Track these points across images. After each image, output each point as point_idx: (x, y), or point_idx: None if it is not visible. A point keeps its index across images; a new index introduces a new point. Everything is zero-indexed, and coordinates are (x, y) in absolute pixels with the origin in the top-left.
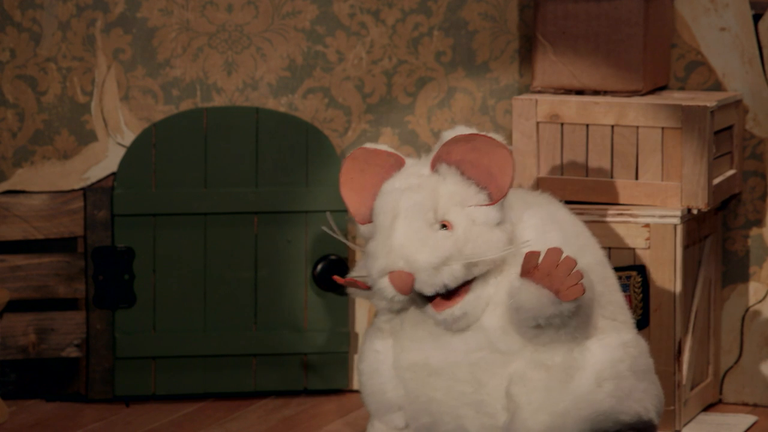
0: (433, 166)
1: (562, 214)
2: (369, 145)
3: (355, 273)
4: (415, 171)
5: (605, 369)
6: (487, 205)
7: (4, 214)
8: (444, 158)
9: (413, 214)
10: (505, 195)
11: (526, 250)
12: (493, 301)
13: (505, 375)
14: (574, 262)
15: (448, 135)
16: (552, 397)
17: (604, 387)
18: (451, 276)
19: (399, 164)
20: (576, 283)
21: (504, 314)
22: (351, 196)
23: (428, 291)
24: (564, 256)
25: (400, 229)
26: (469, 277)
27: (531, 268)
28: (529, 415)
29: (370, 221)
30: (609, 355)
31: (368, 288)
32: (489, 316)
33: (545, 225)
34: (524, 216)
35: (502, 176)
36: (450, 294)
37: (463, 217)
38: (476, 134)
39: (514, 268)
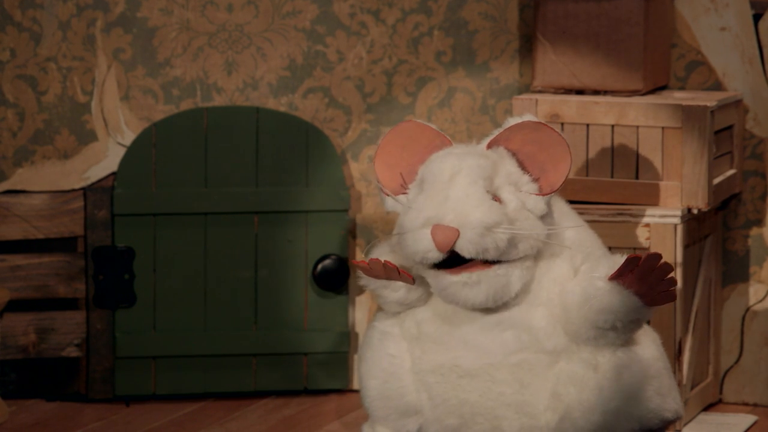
0: (489, 148)
1: (582, 222)
2: (420, 120)
3: (377, 255)
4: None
5: (650, 367)
6: (537, 194)
7: (5, 214)
8: (503, 143)
9: (475, 174)
10: (555, 191)
11: (568, 243)
12: (534, 300)
13: (550, 375)
14: (671, 268)
15: (513, 121)
16: (604, 396)
17: (651, 385)
18: (494, 243)
19: (445, 146)
20: (667, 290)
21: (550, 314)
22: (383, 170)
23: (468, 251)
24: (662, 261)
25: (459, 184)
26: (505, 257)
27: (627, 271)
28: (581, 414)
29: (397, 192)
30: (650, 352)
31: (395, 268)
32: (534, 317)
33: (583, 239)
34: (563, 224)
35: (556, 173)
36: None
37: (515, 197)
38: (541, 124)
39: (552, 269)
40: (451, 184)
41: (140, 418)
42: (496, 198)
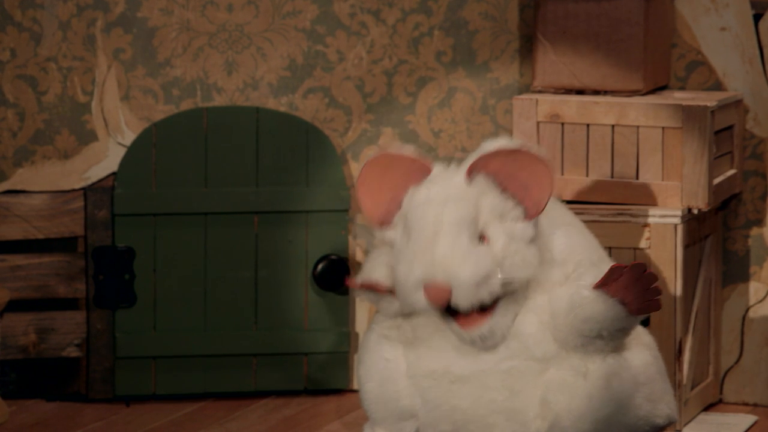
0: (469, 175)
1: (577, 222)
2: (393, 151)
3: (366, 274)
4: (449, 180)
5: (641, 373)
6: (523, 220)
7: (5, 214)
8: (481, 168)
9: (458, 228)
10: (541, 211)
11: (558, 251)
12: (525, 308)
13: (540, 382)
14: (656, 278)
15: (489, 146)
16: (594, 404)
17: (642, 391)
18: (488, 293)
19: (423, 170)
20: (653, 299)
21: (539, 321)
22: (366, 200)
23: (464, 306)
24: (647, 270)
25: (444, 242)
26: (503, 294)
27: (612, 280)
28: (571, 423)
29: (385, 225)
30: (641, 358)
31: (389, 292)
32: (523, 324)
33: (574, 245)
34: (553, 236)
35: (539, 192)
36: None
37: (502, 232)
38: (518, 148)
39: (543, 275)
40: (435, 241)
41: (140, 418)
42: (483, 236)
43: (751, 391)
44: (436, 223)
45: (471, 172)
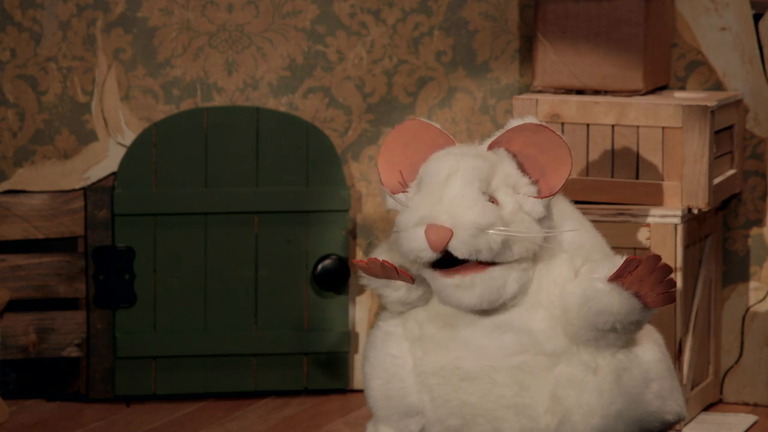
0: (491, 149)
1: (585, 221)
2: (423, 119)
3: (376, 255)
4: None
5: (651, 369)
6: (535, 197)
7: (5, 214)
8: (504, 144)
9: (471, 175)
10: (554, 194)
11: (567, 244)
12: (534, 302)
13: (550, 378)
14: (670, 270)
15: (515, 122)
16: (604, 399)
17: (652, 387)
18: (488, 244)
19: (447, 145)
20: (667, 291)
21: (550, 316)
22: (386, 167)
23: (461, 251)
24: (661, 262)
25: (455, 185)
26: (499, 259)
27: (626, 273)
28: (581, 417)
29: (398, 190)
30: (651, 354)
31: (394, 268)
32: (533, 319)
33: (582, 240)
34: (563, 226)
35: (556, 176)
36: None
37: (512, 200)
38: (543, 127)
39: (551, 271)
40: (446, 184)
41: (140, 418)
42: (492, 200)
43: (751, 391)
44: (450, 170)
45: (493, 147)
